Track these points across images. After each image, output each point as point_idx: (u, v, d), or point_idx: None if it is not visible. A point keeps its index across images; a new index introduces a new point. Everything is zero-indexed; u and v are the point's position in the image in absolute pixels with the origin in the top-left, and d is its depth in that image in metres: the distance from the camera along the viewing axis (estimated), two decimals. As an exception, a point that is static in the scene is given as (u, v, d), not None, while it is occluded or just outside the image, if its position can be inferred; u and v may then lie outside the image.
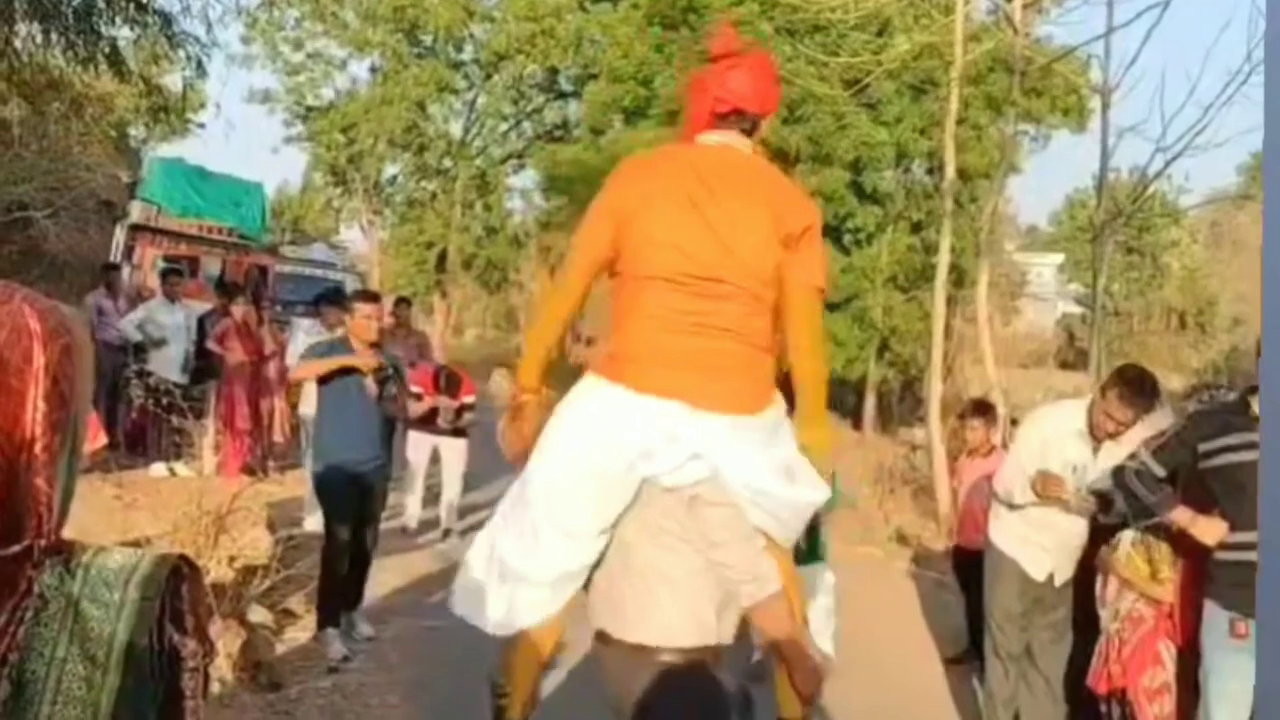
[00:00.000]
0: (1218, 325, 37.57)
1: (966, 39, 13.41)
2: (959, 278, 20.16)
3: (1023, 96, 18.04)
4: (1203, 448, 4.45)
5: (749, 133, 3.52)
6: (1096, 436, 5.39)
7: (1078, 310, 38.93)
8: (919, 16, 16.63)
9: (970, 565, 6.76)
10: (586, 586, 3.46)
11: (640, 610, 3.30)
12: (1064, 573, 5.61)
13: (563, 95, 34.09)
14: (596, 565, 3.41)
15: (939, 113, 19.03)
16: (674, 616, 3.27)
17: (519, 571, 3.45)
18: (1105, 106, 11.95)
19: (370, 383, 6.93)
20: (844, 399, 23.23)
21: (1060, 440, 5.51)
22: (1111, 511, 5.31)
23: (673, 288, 3.32)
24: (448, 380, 10.45)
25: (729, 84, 3.46)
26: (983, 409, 8.19)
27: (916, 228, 22.67)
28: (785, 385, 3.56)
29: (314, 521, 10.31)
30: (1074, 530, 5.53)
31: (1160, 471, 4.58)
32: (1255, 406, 4.31)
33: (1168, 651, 5.00)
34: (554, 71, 32.50)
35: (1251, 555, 4.19)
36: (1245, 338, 36.73)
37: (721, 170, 3.41)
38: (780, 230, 3.35)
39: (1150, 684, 5.01)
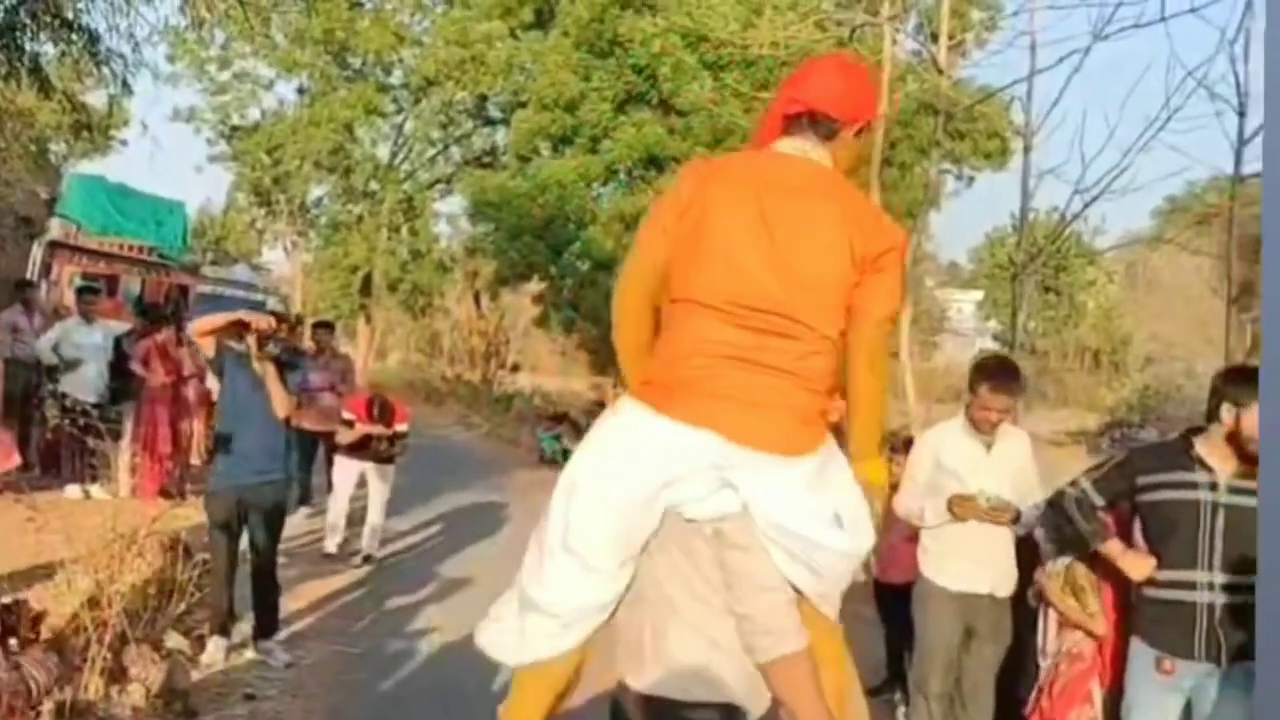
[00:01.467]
0: (1131, 364, 38.30)
1: (893, 79, 13.63)
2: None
3: (946, 137, 18.40)
4: (1141, 481, 4.50)
5: (828, 139, 3.15)
6: (983, 431, 5.50)
7: (995, 346, 39.52)
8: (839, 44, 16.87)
9: (892, 598, 6.80)
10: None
11: (657, 658, 3.06)
12: (1003, 588, 5.62)
13: (491, 122, 34.05)
14: (621, 601, 3.13)
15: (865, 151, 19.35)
16: (693, 668, 3.03)
17: (532, 599, 3.13)
18: (1027, 149, 12.21)
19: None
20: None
21: (952, 448, 5.62)
22: (1020, 523, 5.44)
23: (725, 318, 2.99)
24: (381, 409, 10.38)
25: (803, 83, 3.17)
26: (908, 445, 8.28)
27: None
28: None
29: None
30: (999, 541, 5.54)
31: (1099, 501, 4.62)
32: (1198, 447, 4.38)
33: (1098, 691, 5.05)
34: (483, 98, 32.45)
35: (1179, 594, 4.28)
36: (1158, 376, 37.48)
37: (796, 184, 3.06)
38: (858, 255, 3.00)
39: None
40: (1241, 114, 10.92)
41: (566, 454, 18.80)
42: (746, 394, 2.96)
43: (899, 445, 8.27)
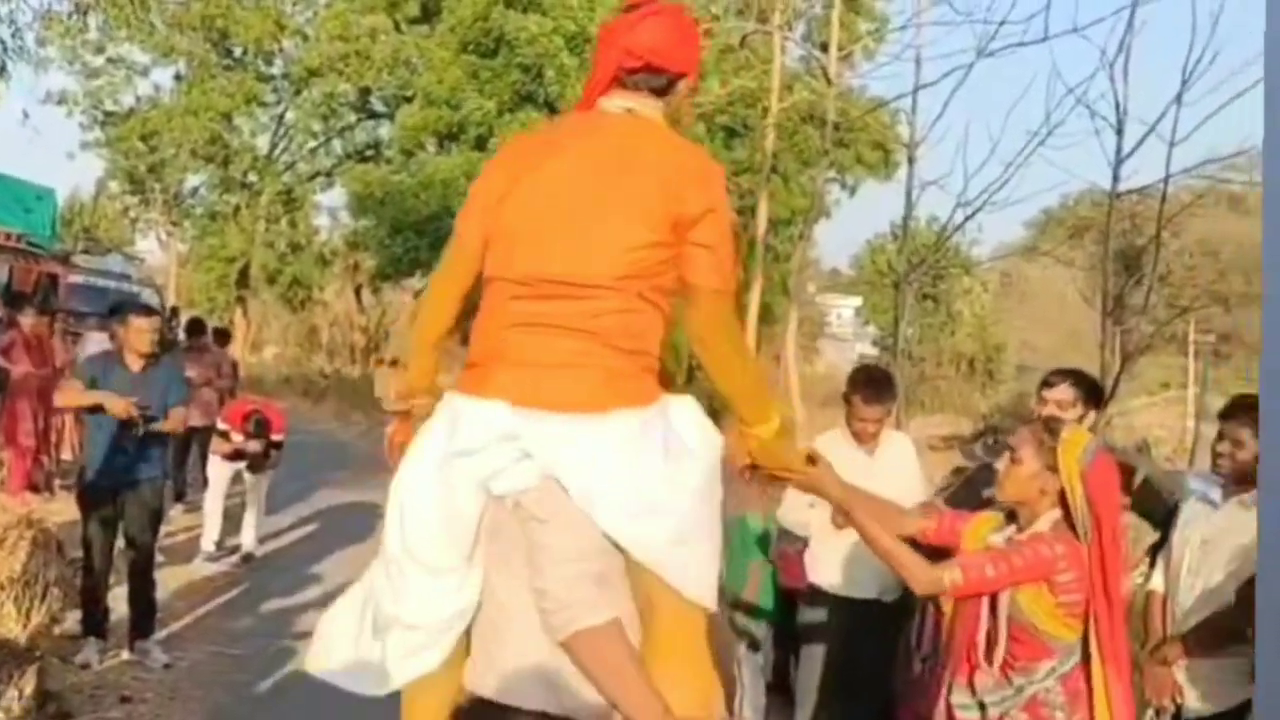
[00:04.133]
0: (1005, 372, 39.24)
1: (781, 88, 13.76)
2: (763, 315, 20.63)
3: (832, 147, 18.69)
4: (986, 493, 4.61)
5: (661, 93, 3.01)
6: (863, 441, 5.59)
7: (874, 352, 40.19)
8: (739, 68, 17.00)
9: (784, 603, 6.82)
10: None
11: (484, 656, 2.88)
12: (889, 592, 5.66)
13: (375, 115, 33.65)
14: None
15: (749, 159, 19.54)
16: (514, 666, 2.83)
17: (392, 616, 2.91)
18: (911, 160, 12.40)
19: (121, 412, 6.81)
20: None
21: (835, 459, 5.65)
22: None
23: (520, 289, 2.86)
24: (257, 424, 10.00)
25: (642, 34, 2.96)
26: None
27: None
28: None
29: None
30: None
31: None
32: None
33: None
34: (366, 91, 32.06)
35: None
36: (1030, 384, 38.38)
37: (612, 144, 2.92)
38: (670, 214, 2.82)
39: None
40: (1119, 131, 11.22)
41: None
42: (536, 357, 2.81)
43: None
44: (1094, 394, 4.96)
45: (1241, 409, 4.32)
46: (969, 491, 4.81)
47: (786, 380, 13.31)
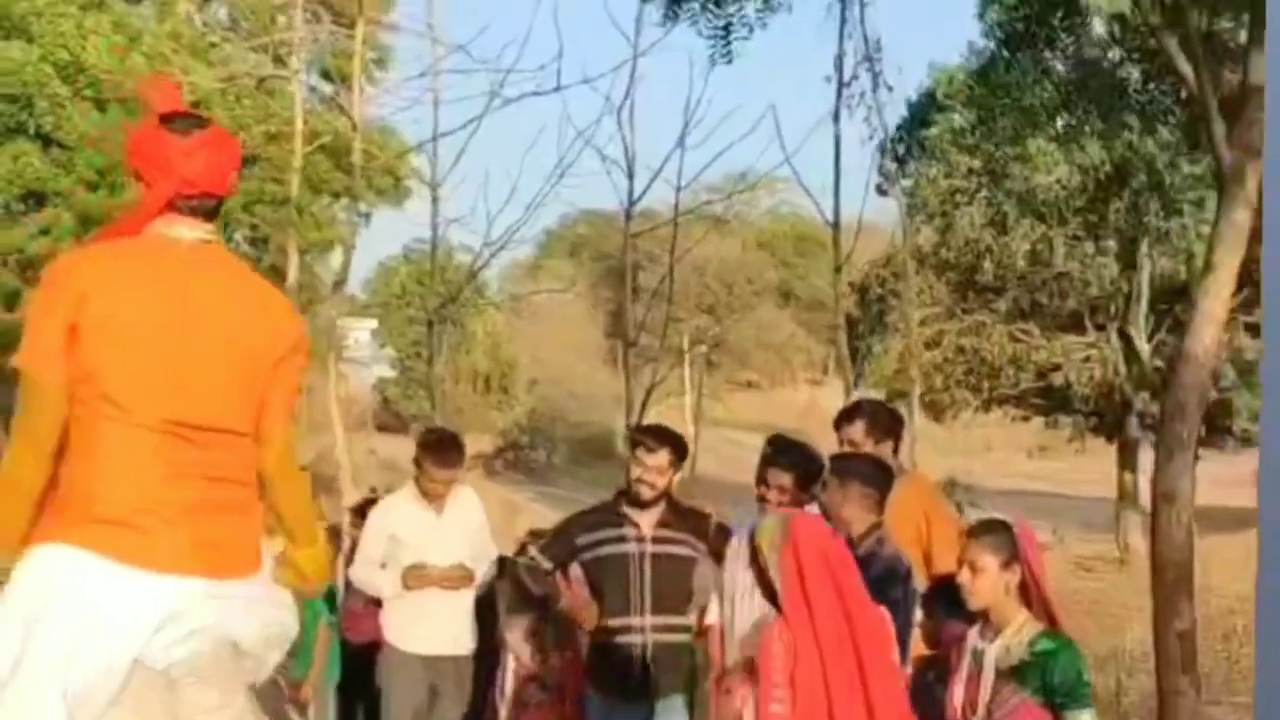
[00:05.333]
0: (519, 388, 40.42)
1: (306, 132, 13.93)
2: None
3: (341, 174, 18.95)
4: (580, 540, 5.09)
5: (213, 216, 2.92)
6: (432, 500, 5.78)
7: (393, 374, 40.44)
8: (240, 96, 16.84)
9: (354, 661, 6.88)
10: None
11: None
12: (464, 646, 5.83)
13: None
14: None
15: (259, 191, 19.44)
16: None
17: None
18: (435, 199, 12.82)
19: None
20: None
21: (405, 519, 5.84)
22: (477, 582, 5.82)
23: (164, 438, 2.70)
24: None
25: (199, 164, 2.83)
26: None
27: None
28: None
29: None
30: (458, 601, 5.81)
31: (548, 565, 5.11)
32: (623, 505, 5.06)
33: None
34: None
35: (622, 638, 4.89)
36: (544, 399, 40.05)
37: (206, 279, 2.82)
38: (273, 349, 2.85)
39: None
40: (630, 175, 12.14)
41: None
42: (212, 523, 2.73)
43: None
44: (890, 424, 5.09)
45: (777, 453, 4.73)
46: (562, 539, 5.20)
47: (328, 409, 13.36)
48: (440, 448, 5.84)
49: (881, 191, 19.36)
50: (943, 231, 21.29)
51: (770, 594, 3.36)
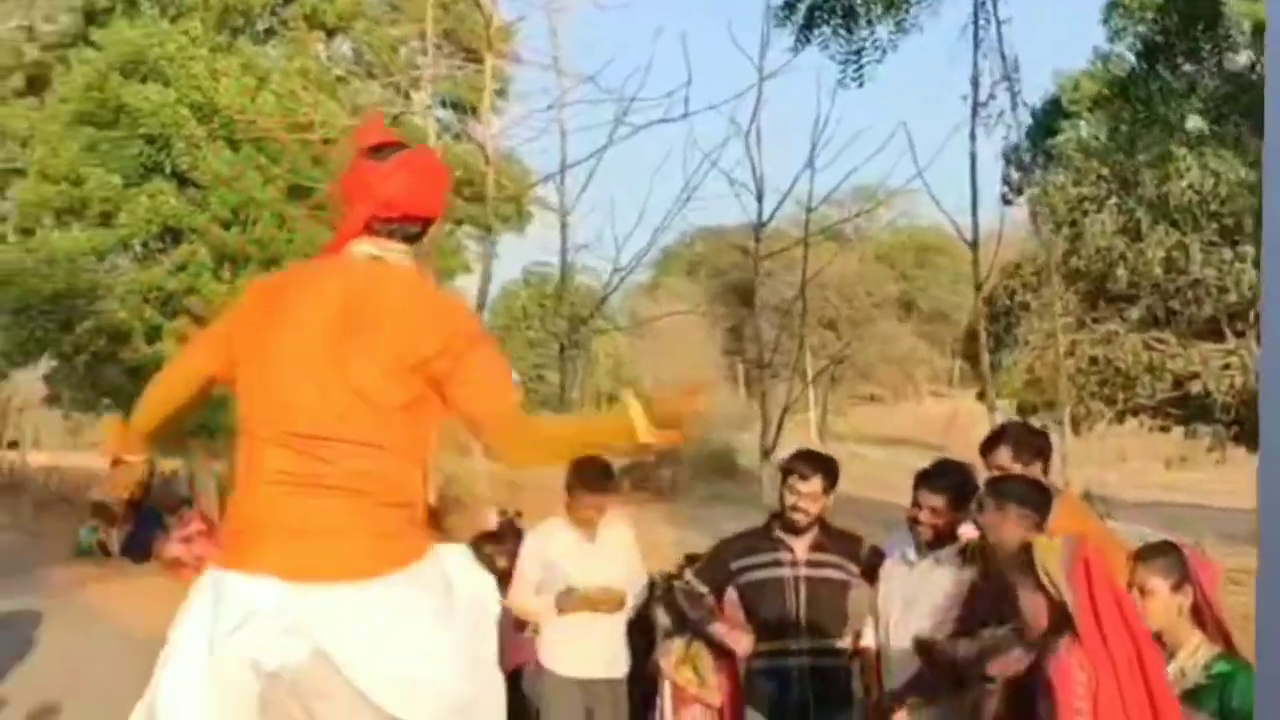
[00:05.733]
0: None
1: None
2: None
3: (464, 202, 19.29)
4: (734, 565, 5.15)
5: (415, 239, 3.03)
6: (583, 525, 5.85)
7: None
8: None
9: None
10: None
11: None
12: (617, 669, 5.91)
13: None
14: None
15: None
16: None
17: None
18: (564, 225, 13.01)
19: None
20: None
21: (558, 545, 5.96)
22: (629, 606, 5.86)
23: (279, 447, 2.80)
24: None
25: (397, 186, 2.94)
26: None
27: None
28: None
29: None
30: (610, 625, 5.89)
31: (703, 589, 5.19)
32: (776, 529, 5.10)
33: None
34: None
35: (779, 661, 4.92)
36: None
37: (363, 294, 2.89)
38: (409, 361, 2.80)
39: None
40: (759, 198, 12.19)
41: (104, 547, 17.73)
42: (299, 523, 2.74)
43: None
44: (1037, 445, 4.99)
45: (932, 475, 4.81)
46: (716, 563, 5.29)
47: (455, 433, 13.65)
48: (591, 475, 5.87)
49: (1007, 201, 19.15)
50: (1072, 240, 20.86)
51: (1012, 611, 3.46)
